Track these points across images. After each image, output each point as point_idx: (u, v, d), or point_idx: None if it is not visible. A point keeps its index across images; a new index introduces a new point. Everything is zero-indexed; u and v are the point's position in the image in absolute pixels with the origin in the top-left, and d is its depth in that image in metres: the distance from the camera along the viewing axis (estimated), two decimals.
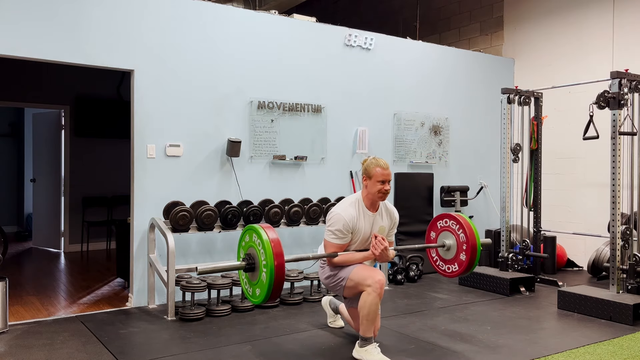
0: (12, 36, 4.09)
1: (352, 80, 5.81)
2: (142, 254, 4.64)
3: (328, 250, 3.36)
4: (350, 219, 3.31)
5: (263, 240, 2.89)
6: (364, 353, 3.28)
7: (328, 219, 3.39)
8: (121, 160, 7.19)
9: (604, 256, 5.61)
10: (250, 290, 3.09)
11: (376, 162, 3.37)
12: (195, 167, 4.88)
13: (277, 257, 2.84)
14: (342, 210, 3.34)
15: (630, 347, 3.60)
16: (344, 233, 3.31)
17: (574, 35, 6.49)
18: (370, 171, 3.35)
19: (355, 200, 3.42)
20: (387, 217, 3.51)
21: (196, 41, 4.87)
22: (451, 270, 3.70)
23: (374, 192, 3.35)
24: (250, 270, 3.03)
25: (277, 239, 2.91)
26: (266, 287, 2.87)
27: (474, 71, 6.83)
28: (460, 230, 3.60)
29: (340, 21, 6.51)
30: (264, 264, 2.89)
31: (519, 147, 5.60)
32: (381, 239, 3.25)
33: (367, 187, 3.38)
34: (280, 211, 4.96)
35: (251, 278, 3.06)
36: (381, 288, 3.24)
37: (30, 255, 7.35)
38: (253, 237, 3.00)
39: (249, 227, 3.04)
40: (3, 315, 3.84)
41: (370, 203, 3.41)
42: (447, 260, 3.72)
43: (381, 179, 3.32)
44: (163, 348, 3.56)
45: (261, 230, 2.94)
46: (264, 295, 2.91)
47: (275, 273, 2.83)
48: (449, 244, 3.68)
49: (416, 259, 5.74)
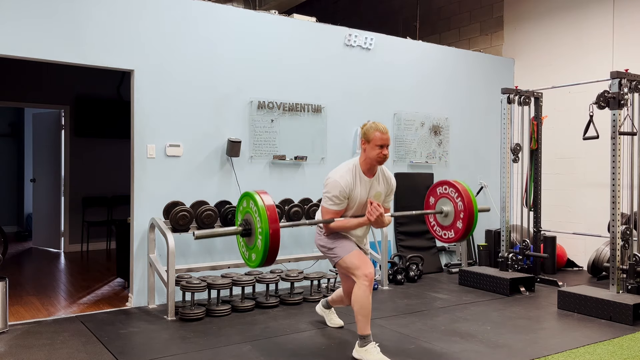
0: (12, 36, 4.09)
1: (352, 81, 5.81)
2: (142, 254, 4.64)
3: (325, 216, 3.36)
4: (347, 185, 3.30)
5: (259, 207, 2.95)
6: (363, 353, 3.28)
7: (325, 184, 3.36)
8: (121, 160, 7.19)
9: (604, 256, 5.61)
10: (247, 254, 3.17)
11: (375, 126, 3.32)
12: (195, 167, 4.88)
13: (272, 222, 2.90)
14: (339, 177, 3.31)
15: (630, 347, 3.60)
16: (340, 199, 3.30)
17: (574, 35, 6.49)
18: (369, 135, 3.31)
19: (352, 165, 3.38)
20: (384, 183, 3.48)
21: (196, 41, 4.87)
22: (447, 237, 3.75)
23: (372, 157, 3.31)
24: (246, 235, 3.11)
25: (273, 205, 2.97)
26: (261, 252, 2.96)
27: (474, 71, 6.83)
28: (458, 198, 3.64)
29: (340, 21, 6.51)
30: (259, 230, 2.95)
31: (519, 147, 5.60)
32: (377, 205, 3.23)
33: (365, 151, 3.34)
34: (281, 211, 4.96)
35: (248, 243, 3.13)
36: (370, 281, 3.29)
37: (30, 255, 7.35)
38: (250, 203, 3.06)
39: (246, 193, 3.11)
40: (3, 315, 3.84)
41: (367, 168, 3.38)
42: (444, 227, 3.76)
43: (380, 143, 3.28)
44: (163, 348, 3.56)
45: (257, 196, 2.99)
46: (259, 259, 3.00)
47: (270, 238, 2.90)
48: (446, 211, 3.71)
49: (416, 259, 5.74)
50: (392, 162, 6.09)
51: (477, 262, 6.46)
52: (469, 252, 6.51)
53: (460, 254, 6.32)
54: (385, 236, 5.35)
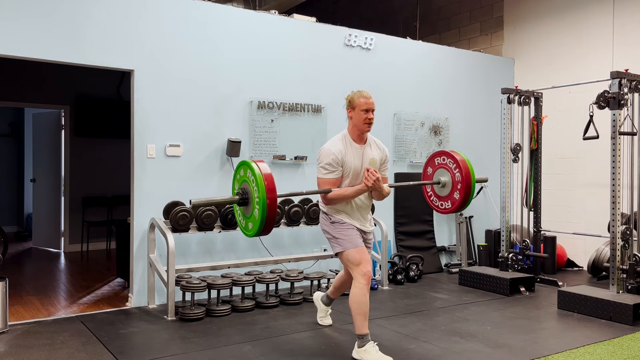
0: (13, 36, 4.09)
1: (352, 80, 5.80)
2: (142, 254, 4.64)
3: (321, 186, 3.38)
4: (338, 151, 3.34)
5: (256, 175, 2.95)
6: (363, 353, 3.28)
7: (318, 156, 3.41)
8: (121, 160, 7.19)
9: (604, 256, 5.61)
10: (244, 223, 3.17)
11: (359, 93, 3.41)
12: (195, 167, 4.88)
13: (269, 192, 2.91)
14: (330, 145, 3.37)
15: (630, 347, 3.60)
16: (333, 166, 3.33)
17: (574, 35, 6.49)
18: (354, 102, 3.38)
19: (342, 135, 3.44)
20: (377, 150, 3.52)
21: (196, 41, 4.87)
22: (444, 207, 3.76)
23: (359, 122, 3.37)
24: (243, 204, 3.11)
25: (270, 174, 2.97)
26: (258, 222, 2.96)
27: (474, 71, 6.83)
28: (456, 169, 3.65)
29: (340, 21, 6.51)
30: (256, 200, 2.95)
31: (519, 147, 5.60)
32: (373, 171, 3.27)
33: (352, 118, 3.40)
34: (280, 211, 4.96)
35: (245, 212, 3.13)
36: (368, 280, 3.32)
37: (30, 255, 7.35)
38: (247, 173, 3.05)
39: (243, 162, 3.11)
40: (3, 315, 3.84)
41: (357, 135, 3.42)
42: (441, 197, 3.78)
43: (365, 108, 3.35)
44: (163, 348, 3.56)
45: (254, 165, 3.00)
46: (256, 229, 3.01)
47: (267, 207, 2.90)
48: (444, 181, 3.74)
49: (416, 259, 5.74)
50: (392, 162, 6.09)
51: (477, 262, 6.46)
52: (469, 252, 6.51)
53: (460, 254, 6.32)
54: (385, 236, 5.35)
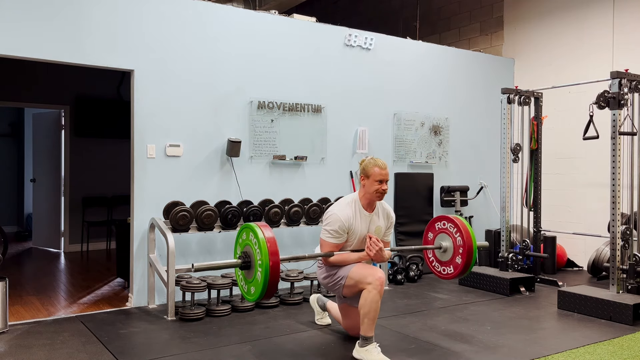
0: (12, 36, 4.09)
1: (352, 80, 5.80)
2: (142, 254, 4.64)
3: (324, 249, 3.38)
4: (347, 219, 3.33)
5: (259, 239, 2.92)
6: (364, 353, 3.28)
7: (325, 218, 3.41)
8: (121, 160, 7.19)
9: (604, 256, 5.60)
10: (245, 287, 3.13)
11: (374, 162, 3.38)
12: (195, 167, 4.88)
13: (272, 255, 2.88)
14: (338, 210, 3.36)
15: (630, 347, 3.60)
16: (339, 233, 3.34)
17: (574, 36, 6.49)
18: (368, 171, 3.37)
19: (352, 200, 3.43)
20: (384, 217, 3.53)
21: (196, 41, 4.87)
22: (446, 273, 3.72)
23: (371, 192, 3.36)
24: (246, 268, 3.07)
25: (273, 237, 2.94)
26: (261, 286, 2.91)
27: (474, 71, 6.83)
28: (457, 233, 3.62)
29: (340, 21, 6.51)
30: (259, 263, 2.92)
31: (519, 147, 5.60)
32: (376, 240, 3.27)
33: (365, 186, 3.39)
34: (280, 211, 4.96)
35: (247, 276, 3.09)
36: (381, 285, 3.25)
37: (30, 255, 7.35)
38: (250, 236, 3.03)
39: (246, 225, 3.08)
40: (3, 315, 3.84)
41: (367, 203, 3.42)
42: (443, 262, 3.74)
43: (379, 179, 3.33)
44: (163, 348, 3.56)
45: (257, 228, 2.97)
46: (258, 293, 2.95)
47: (270, 272, 2.86)
48: (445, 246, 3.70)
49: (416, 259, 5.74)
50: (392, 162, 6.09)
51: (477, 262, 6.45)
52: None
53: None
54: None
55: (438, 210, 6.36)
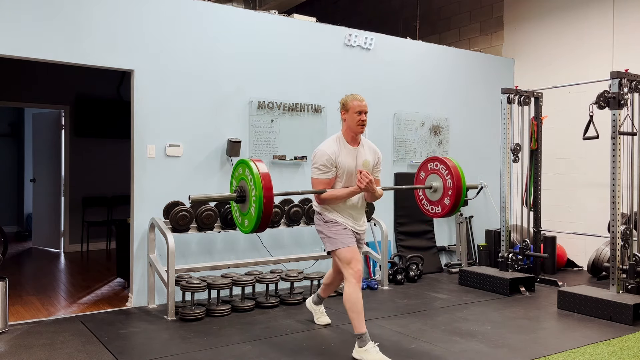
0: (12, 36, 4.09)
1: (352, 80, 5.80)
2: (142, 254, 4.64)
3: (315, 187, 3.44)
4: (332, 152, 3.41)
5: (253, 174, 3.02)
6: (363, 353, 3.28)
7: (312, 157, 3.48)
8: (121, 160, 7.19)
9: (604, 256, 5.61)
10: (240, 219, 3.25)
11: (352, 96, 3.50)
12: (195, 167, 4.88)
13: (266, 190, 2.99)
14: (324, 146, 3.45)
15: (630, 347, 3.60)
16: (327, 167, 3.39)
17: (574, 35, 6.49)
18: (347, 104, 3.47)
19: (336, 137, 3.52)
20: (370, 152, 3.60)
21: (196, 41, 4.87)
22: (434, 211, 3.89)
23: (352, 124, 3.45)
24: (241, 201, 3.19)
25: (267, 173, 3.05)
26: (254, 219, 3.04)
27: (474, 71, 6.83)
28: (448, 175, 3.74)
29: (340, 21, 6.51)
30: (253, 198, 3.02)
31: (519, 147, 5.60)
32: (366, 173, 3.33)
33: (346, 120, 3.48)
34: (280, 211, 4.96)
35: (242, 209, 3.21)
36: (359, 279, 3.36)
37: (30, 255, 7.35)
38: (245, 171, 3.13)
39: (242, 160, 3.20)
40: (3, 315, 3.84)
41: (350, 137, 3.50)
42: (432, 202, 3.89)
43: (358, 110, 3.44)
44: (163, 348, 3.56)
45: (252, 164, 3.08)
46: (252, 226, 3.09)
47: (264, 205, 2.98)
48: (435, 187, 3.84)
49: (416, 259, 5.74)
50: (392, 162, 6.09)
51: (477, 262, 6.46)
52: (469, 252, 6.51)
53: (460, 254, 6.32)
54: (385, 236, 5.35)
55: None
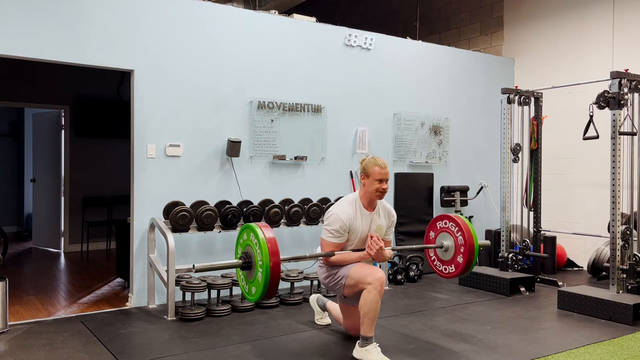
0: (12, 36, 4.09)
1: (352, 80, 5.80)
2: (142, 254, 4.64)
3: (325, 249, 3.38)
4: (347, 218, 3.34)
5: (259, 239, 2.92)
6: (364, 353, 3.28)
7: (326, 217, 3.42)
8: (121, 160, 7.19)
9: (604, 256, 5.60)
10: (247, 287, 3.14)
11: (374, 161, 3.40)
12: (195, 167, 4.88)
13: (273, 256, 2.88)
14: (339, 210, 3.37)
15: (630, 347, 3.60)
16: (340, 232, 3.34)
17: (574, 36, 6.49)
18: (368, 170, 3.38)
19: (352, 199, 3.44)
20: (385, 216, 3.53)
21: (196, 41, 4.87)
22: (448, 271, 3.74)
23: (371, 191, 3.37)
24: (246, 268, 3.08)
25: (274, 238, 2.94)
26: (261, 286, 2.92)
27: (474, 71, 6.83)
28: (458, 232, 3.63)
29: (340, 21, 6.51)
30: (260, 264, 2.92)
31: (519, 147, 5.60)
32: (377, 239, 3.27)
33: (365, 185, 3.40)
34: (280, 211, 4.96)
35: (248, 276, 3.10)
36: (382, 286, 3.25)
37: (30, 255, 7.35)
38: (250, 236, 3.03)
39: (247, 226, 3.08)
40: (3, 315, 3.84)
41: (367, 202, 3.43)
42: (445, 261, 3.75)
43: (379, 178, 3.35)
44: (163, 348, 3.56)
45: (258, 229, 2.97)
46: (259, 294, 2.96)
47: (271, 272, 2.87)
48: (447, 245, 3.71)
49: (416, 259, 5.74)
50: (392, 162, 6.09)
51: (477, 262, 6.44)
52: None
53: None
54: None
55: (438, 210, 6.36)
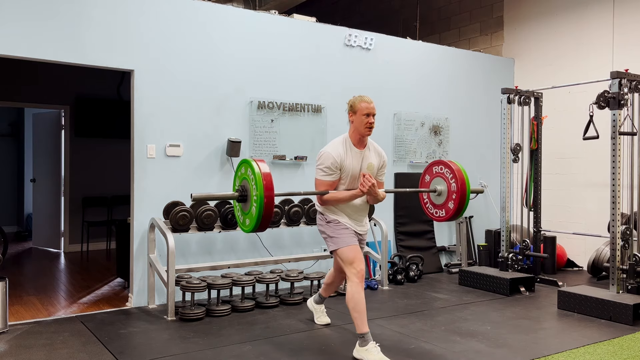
0: (12, 36, 4.09)
1: (352, 80, 5.80)
2: (142, 254, 4.64)
3: (318, 187, 3.43)
4: (338, 155, 3.39)
5: (255, 174, 3.06)
6: (364, 353, 3.28)
7: (317, 157, 3.46)
8: (121, 160, 7.19)
9: (604, 256, 5.61)
10: (242, 218, 3.29)
11: (361, 97, 3.48)
12: (195, 167, 4.88)
13: (267, 190, 3.02)
14: (330, 148, 3.43)
15: (630, 347, 3.60)
16: (332, 169, 3.38)
17: (574, 36, 6.49)
18: (355, 106, 3.44)
19: (343, 139, 3.49)
20: (376, 155, 3.56)
21: (196, 41, 4.87)
22: (438, 215, 3.89)
23: (360, 127, 3.42)
24: (242, 200, 3.23)
25: (269, 173, 3.09)
26: (255, 218, 3.08)
27: (474, 71, 6.83)
28: (452, 179, 3.75)
29: (340, 21, 6.51)
30: (254, 198, 3.06)
31: (519, 147, 5.60)
32: (369, 177, 3.33)
33: (354, 122, 3.45)
34: (280, 211, 4.96)
35: (243, 208, 3.25)
36: (361, 278, 3.37)
37: (30, 255, 7.35)
38: (247, 170, 3.16)
39: (244, 160, 3.22)
40: (3, 315, 3.84)
41: (357, 139, 3.46)
42: (437, 205, 3.90)
43: (366, 112, 3.40)
44: (163, 348, 3.56)
45: (254, 163, 3.11)
46: (252, 225, 3.13)
47: (265, 206, 3.01)
48: (440, 190, 3.85)
49: (416, 259, 5.74)
50: (392, 162, 6.09)
51: (477, 262, 6.45)
52: (469, 252, 6.51)
53: (460, 254, 6.32)
54: (385, 236, 5.35)
55: None
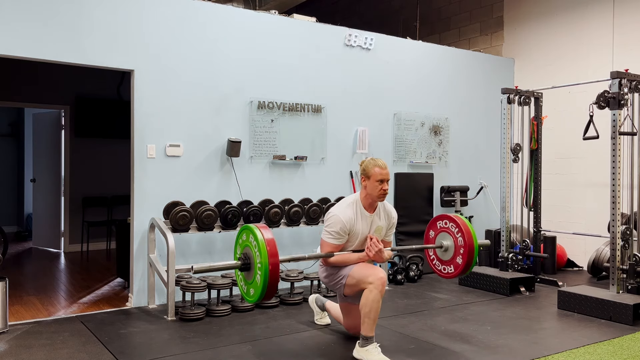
0: (12, 36, 4.09)
1: (352, 80, 5.81)
2: (142, 254, 4.64)
3: (324, 249, 3.38)
4: (348, 220, 3.33)
5: (258, 241, 2.91)
6: (364, 353, 3.28)
7: (326, 219, 3.42)
8: (121, 160, 7.19)
9: (604, 256, 5.60)
10: (245, 288, 3.13)
11: (374, 162, 3.38)
12: (195, 167, 4.88)
13: (272, 257, 2.87)
14: (340, 212, 3.36)
15: (630, 347, 3.60)
16: (340, 234, 3.34)
17: (574, 36, 6.49)
18: (368, 171, 3.36)
19: (353, 201, 3.43)
20: (385, 217, 3.52)
21: (196, 41, 4.87)
22: (447, 272, 3.72)
23: (372, 193, 3.36)
24: (245, 269, 3.06)
25: (272, 239, 2.93)
26: (260, 288, 2.90)
27: (474, 71, 6.83)
28: (458, 233, 3.61)
29: (340, 21, 6.51)
30: (258, 266, 2.91)
31: (519, 147, 5.60)
32: (376, 241, 3.27)
33: (366, 187, 3.39)
34: (280, 211, 4.96)
35: (247, 277, 3.09)
36: (383, 285, 3.25)
37: (30, 255, 7.35)
38: (249, 237, 3.02)
39: (245, 227, 3.07)
40: (3, 315, 3.84)
41: (368, 204, 3.42)
42: (444, 261, 3.73)
43: (380, 179, 3.33)
44: (163, 348, 3.56)
45: (256, 230, 2.96)
46: (258, 295, 2.95)
47: (270, 274, 2.85)
48: (446, 246, 3.69)
49: (416, 259, 5.74)
50: (392, 162, 6.09)
51: (477, 262, 6.45)
52: None
53: None
54: None
55: (438, 210, 6.36)
